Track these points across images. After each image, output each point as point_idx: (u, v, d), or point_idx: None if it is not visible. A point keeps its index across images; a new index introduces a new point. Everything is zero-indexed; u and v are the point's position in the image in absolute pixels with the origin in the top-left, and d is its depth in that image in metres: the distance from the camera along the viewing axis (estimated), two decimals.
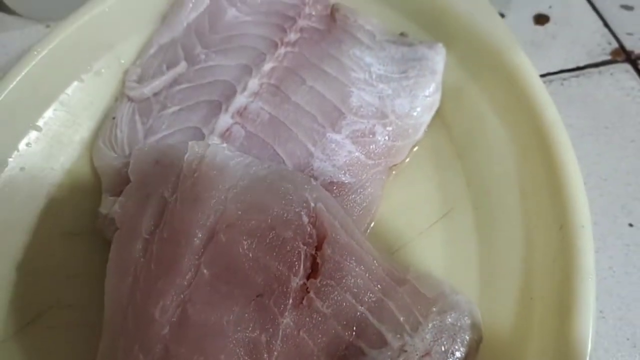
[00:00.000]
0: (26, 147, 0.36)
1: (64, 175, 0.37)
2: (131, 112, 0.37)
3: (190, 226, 0.28)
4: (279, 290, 0.27)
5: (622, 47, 0.48)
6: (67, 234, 0.35)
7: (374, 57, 0.40)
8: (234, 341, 0.26)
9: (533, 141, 0.34)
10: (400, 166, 0.38)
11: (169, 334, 0.26)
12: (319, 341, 0.27)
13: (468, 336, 0.30)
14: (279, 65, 0.39)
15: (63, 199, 0.36)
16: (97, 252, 0.33)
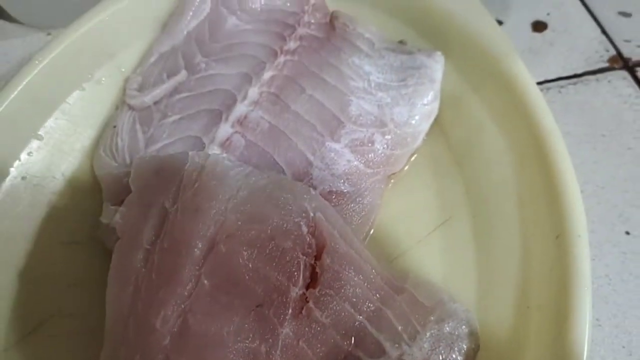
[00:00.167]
0: (28, 156, 0.36)
1: (65, 183, 0.37)
2: (132, 121, 0.37)
3: (190, 237, 0.28)
4: (279, 300, 0.27)
5: (620, 54, 0.48)
6: (69, 243, 0.35)
7: (373, 66, 0.40)
8: (234, 351, 0.26)
9: (530, 150, 0.34)
10: (399, 174, 0.38)
11: (170, 344, 0.26)
12: (318, 351, 0.27)
13: (465, 345, 0.30)
14: (279, 73, 0.39)
15: (64, 208, 0.36)
16: (99, 261, 0.33)
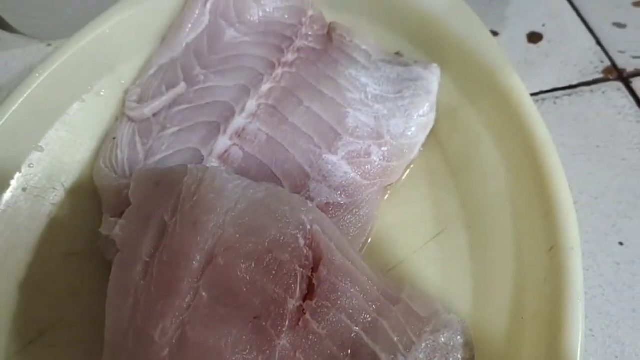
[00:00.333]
0: (28, 168, 0.36)
1: (66, 195, 0.37)
2: (131, 133, 0.38)
3: (189, 249, 0.28)
4: (276, 312, 0.28)
5: (614, 65, 0.49)
6: (69, 253, 0.35)
7: (370, 77, 0.40)
8: None
9: (525, 163, 0.34)
10: (395, 185, 0.39)
11: (169, 356, 0.27)
12: None
13: (460, 355, 0.30)
14: (277, 85, 0.39)
15: (65, 219, 0.36)
16: (98, 272, 0.33)
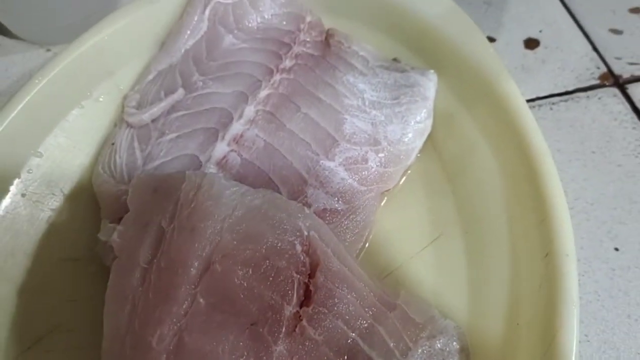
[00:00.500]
0: (27, 174, 0.36)
1: (64, 200, 0.37)
2: (130, 139, 0.38)
3: (187, 256, 0.28)
4: (273, 318, 0.28)
5: (611, 71, 0.49)
6: (68, 259, 0.36)
7: (367, 84, 0.41)
8: None
9: (520, 169, 0.35)
10: (392, 191, 0.39)
11: None
12: None
13: None
14: (275, 91, 0.40)
15: (63, 224, 0.36)
16: (97, 277, 0.34)
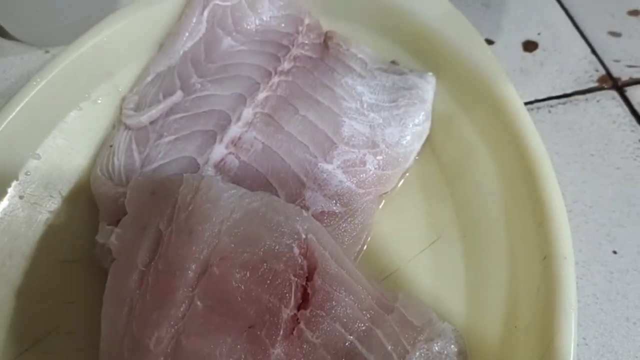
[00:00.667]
0: (25, 176, 0.36)
1: (62, 202, 0.37)
2: (128, 141, 0.38)
3: (184, 259, 0.28)
4: (270, 321, 0.28)
5: (609, 74, 0.49)
6: (65, 261, 0.36)
7: (366, 86, 0.41)
8: None
9: (518, 172, 0.35)
10: (390, 194, 0.39)
11: None
12: None
13: None
14: (273, 94, 0.40)
15: (61, 227, 0.36)
16: (95, 279, 0.33)
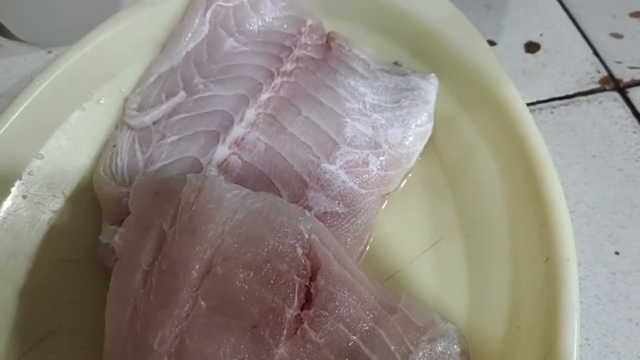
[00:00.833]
0: (29, 176, 0.36)
1: (66, 202, 0.37)
2: (131, 141, 0.38)
3: (188, 259, 0.28)
4: (274, 321, 0.28)
5: (611, 76, 0.49)
6: (69, 260, 0.36)
7: (368, 87, 0.41)
8: None
9: (521, 173, 0.35)
10: (393, 194, 0.39)
11: None
12: None
13: None
14: (276, 95, 0.40)
15: (64, 226, 0.36)
16: (98, 279, 0.34)
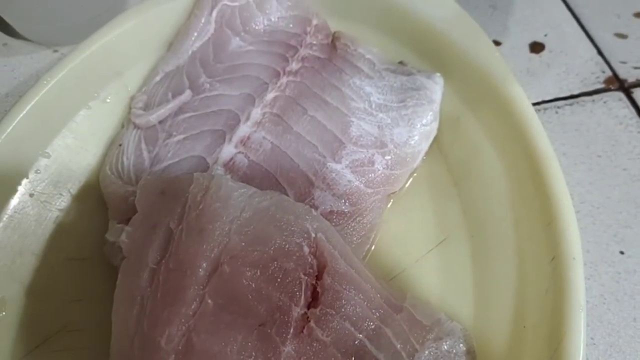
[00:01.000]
0: (35, 174, 0.36)
1: (72, 201, 0.37)
2: (137, 140, 0.38)
3: (195, 257, 0.29)
4: (281, 319, 0.28)
5: (616, 76, 0.49)
6: (75, 259, 0.36)
7: (374, 86, 0.41)
8: None
9: (526, 172, 0.35)
10: (398, 193, 0.39)
11: None
12: None
13: None
14: (282, 94, 0.40)
15: (71, 225, 0.37)
16: (104, 277, 0.34)
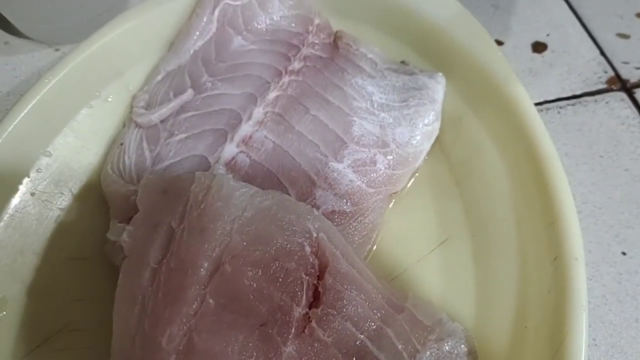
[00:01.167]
0: (37, 173, 0.36)
1: (73, 200, 0.37)
2: (139, 139, 0.38)
3: (196, 257, 0.28)
4: (282, 319, 0.28)
5: (618, 76, 0.49)
6: (76, 258, 0.36)
7: (376, 86, 0.41)
8: None
9: (528, 172, 0.35)
10: (400, 193, 0.39)
11: None
12: None
13: None
14: (283, 93, 0.40)
15: (72, 224, 0.37)
16: (106, 276, 0.34)
